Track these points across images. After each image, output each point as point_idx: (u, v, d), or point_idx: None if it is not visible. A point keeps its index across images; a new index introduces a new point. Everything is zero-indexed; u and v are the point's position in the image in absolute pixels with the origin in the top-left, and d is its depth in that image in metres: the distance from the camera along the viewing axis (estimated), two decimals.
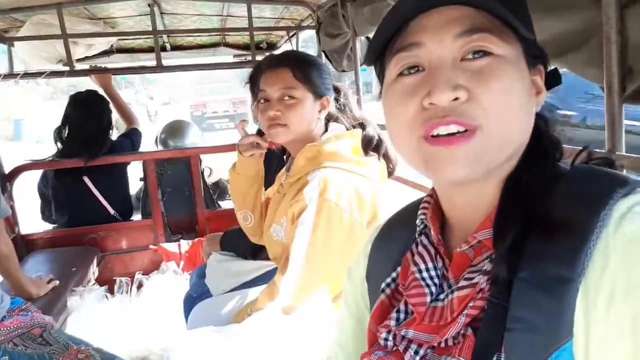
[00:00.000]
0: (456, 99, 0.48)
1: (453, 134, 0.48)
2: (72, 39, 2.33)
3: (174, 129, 3.19)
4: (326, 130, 1.30)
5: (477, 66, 0.49)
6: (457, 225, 0.58)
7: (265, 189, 1.54)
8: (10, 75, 2.37)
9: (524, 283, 0.45)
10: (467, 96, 0.48)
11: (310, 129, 1.27)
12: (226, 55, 3.63)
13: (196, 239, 2.51)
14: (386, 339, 0.56)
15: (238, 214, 1.54)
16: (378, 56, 0.57)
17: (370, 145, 1.29)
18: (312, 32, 2.64)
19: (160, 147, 3.06)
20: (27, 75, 2.43)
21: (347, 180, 1.19)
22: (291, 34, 3.08)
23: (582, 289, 0.41)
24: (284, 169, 1.42)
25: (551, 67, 0.57)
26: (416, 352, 0.53)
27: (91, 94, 2.59)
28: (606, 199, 0.44)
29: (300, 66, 1.24)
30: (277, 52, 3.45)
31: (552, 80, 0.56)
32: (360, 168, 1.24)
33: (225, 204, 3.09)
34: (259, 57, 2.33)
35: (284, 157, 1.60)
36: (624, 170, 0.87)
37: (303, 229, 1.17)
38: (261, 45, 3.52)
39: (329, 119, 1.33)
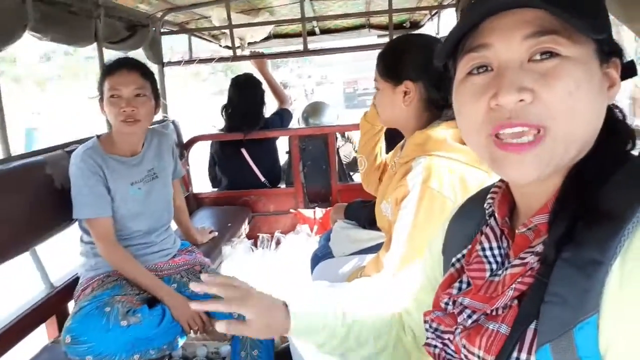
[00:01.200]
0: (521, 100, 0.49)
1: (520, 136, 0.50)
2: (236, 29, 2.71)
3: (314, 109, 3.44)
4: (439, 116, 1.28)
5: (543, 68, 0.50)
6: (522, 210, 0.61)
7: (387, 153, 1.64)
8: (189, 61, 2.87)
9: (564, 263, 0.48)
10: (532, 98, 0.49)
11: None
12: (371, 37, 3.77)
13: (329, 208, 2.75)
14: (447, 303, 0.63)
15: (358, 156, 1.69)
16: (450, 55, 0.59)
17: None
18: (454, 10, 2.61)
19: (302, 125, 3.35)
20: (201, 61, 2.90)
21: (453, 169, 1.18)
22: (433, 12, 3.07)
23: (617, 269, 0.44)
24: (398, 147, 1.47)
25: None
26: (469, 316, 0.58)
27: (248, 76, 2.96)
28: None
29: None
30: (419, 31, 3.46)
31: (629, 71, 0.56)
32: (468, 157, 1.21)
33: (357, 178, 3.29)
34: None
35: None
36: None
37: (405, 213, 1.21)
38: (404, 25, 3.55)
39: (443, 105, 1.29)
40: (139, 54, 2.38)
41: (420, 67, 1.24)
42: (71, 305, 1.61)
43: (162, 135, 1.79)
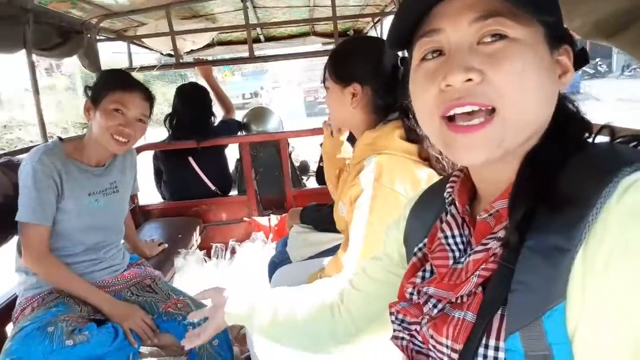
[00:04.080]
0: (469, 80, 0.50)
1: (470, 118, 0.51)
2: (178, 35, 2.64)
3: (257, 116, 3.34)
4: (386, 117, 1.31)
5: (491, 49, 0.51)
6: (483, 197, 0.62)
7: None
8: (130, 69, 2.75)
9: (529, 250, 0.48)
10: (480, 78, 0.50)
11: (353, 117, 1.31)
12: (316, 45, 3.80)
13: (284, 214, 2.73)
14: (411, 293, 0.63)
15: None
16: (404, 42, 0.60)
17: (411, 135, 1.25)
18: None
19: (243, 132, 3.24)
20: (142, 68, 2.80)
21: (403, 166, 1.21)
22: (375, 20, 3.13)
23: (580, 257, 0.44)
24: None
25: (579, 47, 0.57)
26: (434, 306, 0.58)
27: (194, 85, 2.90)
28: (610, 176, 0.45)
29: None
30: None
31: (581, 59, 0.57)
32: (415, 154, 1.24)
33: (310, 184, 3.28)
34: None
35: None
36: None
37: (360, 212, 1.22)
38: (348, 33, 3.62)
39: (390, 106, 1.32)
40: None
41: (368, 70, 1.26)
42: (10, 328, 1.48)
43: (128, 150, 1.70)
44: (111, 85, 1.49)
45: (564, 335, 0.45)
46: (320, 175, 3.07)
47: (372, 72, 1.26)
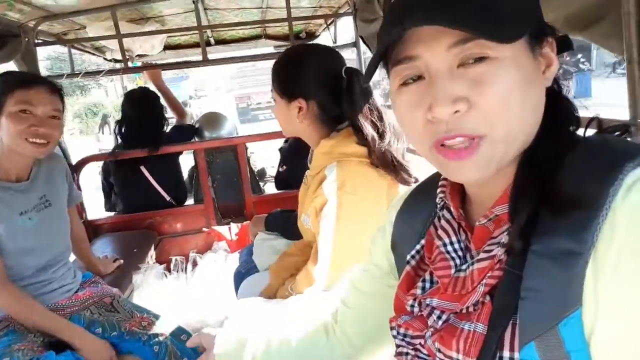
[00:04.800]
0: (457, 111, 0.49)
1: (460, 147, 0.50)
2: (125, 38, 2.51)
3: (209, 121, 3.20)
4: (336, 127, 1.29)
5: (474, 73, 0.49)
6: (477, 199, 0.60)
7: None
8: (72, 74, 2.59)
9: (536, 255, 0.47)
10: (467, 107, 0.48)
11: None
12: (267, 47, 3.75)
13: (245, 222, 2.65)
14: (412, 306, 0.60)
15: None
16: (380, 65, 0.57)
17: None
18: (350, 19, 2.69)
19: (196, 138, 3.09)
20: (87, 74, 2.64)
21: (363, 171, 1.20)
22: (329, 21, 3.12)
23: (591, 260, 0.43)
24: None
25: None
26: (439, 317, 0.56)
27: (144, 90, 2.78)
28: (615, 174, 0.44)
29: None
30: (316, 40, 3.51)
31: (564, 45, 0.56)
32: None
33: (269, 189, 3.22)
34: None
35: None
36: None
37: (327, 222, 1.20)
38: (300, 35, 3.59)
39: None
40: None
41: (313, 84, 1.25)
42: None
43: (51, 158, 1.57)
44: (10, 86, 1.34)
45: (582, 341, 0.44)
46: (279, 180, 3.01)
47: (315, 85, 1.24)
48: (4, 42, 2.02)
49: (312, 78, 1.24)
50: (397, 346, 0.62)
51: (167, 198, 2.80)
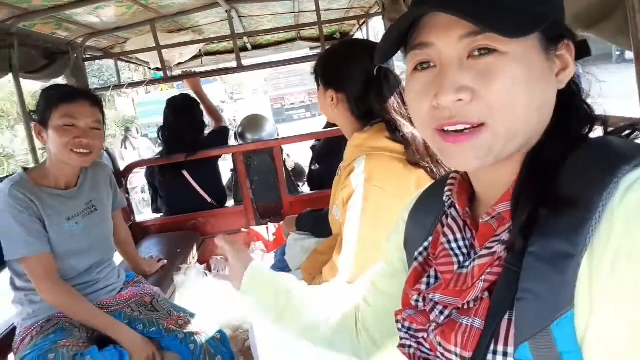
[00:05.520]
0: (460, 100, 0.50)
1: (461, 130, 0.51)
2: (165, 49, 2.63)
3: (251, 123, 3.30)
4: (370, 122, 1.31)
5: (482, 65, 0.50)
6: (483, 198, 0.61)
7: None
8: (118, 86, 2.75)
9: (533, 257, 0.47)
10: (470, 97, 0.50)
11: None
12: (303, 49, 3.80)
13: (282, 222, 2.71)
14: (417, 300, 0.62)
15: None
16: (394, 52, 0.59)
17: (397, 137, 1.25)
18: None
19: (239, 141, 3.23)
20: (131, 85, 2.79)
21: (392, 165, 1.21)
22: (361, 22, 3.14)
23: (585, 261, 0.43)
24: None
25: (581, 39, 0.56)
26: (441, 312, 0.57)
27: (185, 97, 2.89)
28: (610, 177, 0.44)
29: None
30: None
31: (582, 51, 0.56)
32: (402, 154, 1.24)
33: (305, 189, 3.27)
34: None
35: None
36: None
37: (352, 214, 1.22)
38: (335, 36, 3.62)
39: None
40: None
41: (345, 77, 1.28)
42: (11, 358, 1.47)
43: (97, 165, 1.69)
44: (54, 101, 1.45)
45: (574, 343, 0.44)
46: (312, 179, 3.06)
47: (347, 79, 1.28)
48: (54, 59, 2.18)
49: (345, 71, 1.28)
50: (401, 338, 0.65)
51: (209, 200, 2.91)
